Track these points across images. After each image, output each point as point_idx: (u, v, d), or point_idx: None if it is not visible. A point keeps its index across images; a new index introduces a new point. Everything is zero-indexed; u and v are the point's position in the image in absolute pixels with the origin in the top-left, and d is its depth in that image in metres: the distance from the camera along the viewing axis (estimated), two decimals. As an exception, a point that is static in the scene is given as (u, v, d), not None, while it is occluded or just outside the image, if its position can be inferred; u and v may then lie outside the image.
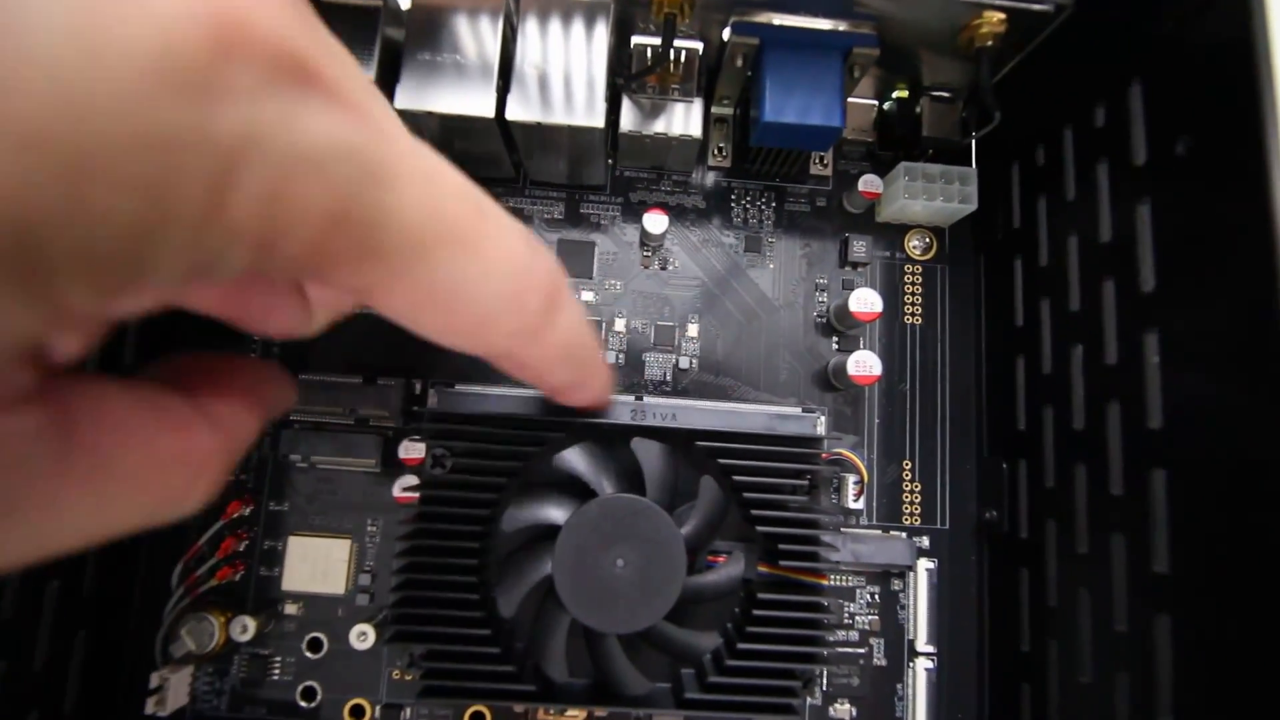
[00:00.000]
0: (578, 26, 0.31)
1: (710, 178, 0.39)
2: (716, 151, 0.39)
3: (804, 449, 0.30)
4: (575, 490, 0.30)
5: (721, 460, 0.30)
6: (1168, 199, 0.28)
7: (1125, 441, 0.29)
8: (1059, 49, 0.32)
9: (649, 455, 0.30)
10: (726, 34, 0.32)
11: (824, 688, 0.35)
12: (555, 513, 0.30)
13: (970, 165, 0.37)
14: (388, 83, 0.31)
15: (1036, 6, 0.30)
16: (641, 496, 0.29)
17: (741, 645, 0.29)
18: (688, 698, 0.29)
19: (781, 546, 0.30)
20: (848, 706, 0.35)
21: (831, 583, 0.36)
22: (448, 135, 0.34)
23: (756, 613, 0.30)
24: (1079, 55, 0.32)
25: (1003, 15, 0.31)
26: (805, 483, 0.30)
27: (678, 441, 0.31)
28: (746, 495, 0.30)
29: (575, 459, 0.30)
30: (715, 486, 0.30)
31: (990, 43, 0.31)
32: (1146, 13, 0.28)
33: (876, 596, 0.36)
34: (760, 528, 0.30)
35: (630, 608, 0.28)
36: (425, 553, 0.29)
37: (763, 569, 0.31)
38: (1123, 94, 0.30)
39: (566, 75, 0.31)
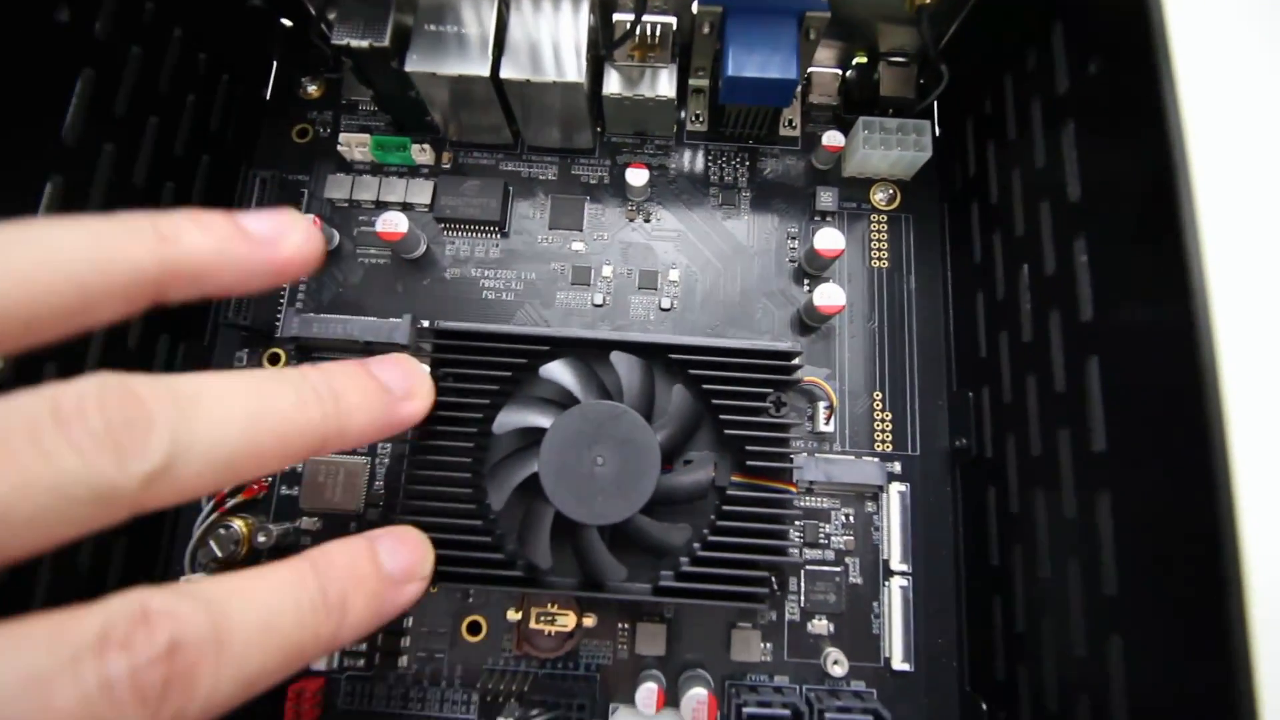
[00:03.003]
0: (564, 1, 0.36)
1: (689, 143, 0.43)
2: (694, 118, 0.43)
3: (773, 360, 0.33)
4: (560, 399, 0.33)
5: (692, 371, 0.33)
6: (1086, 117, 0.30)
7: (1064, 341, 0.31)
8: (994, 5, 0.36)
9: (626, 366, 0.33)
10: (695, 5, 0.37)
11: (802, 604, 0.37)
12: (541, 419, 0.33)
13: (924, 119, 0.41)
14: (399, 50, 0.36)
15: (965, -35, 0.34)
16: (619, 403, 0.32)
17: (712, 538, 0.32)
18: (662, 585, 0.31)
19: (749, 449, 0.32)
20: (825, 623, 0.37)
21: (806, 503, 0.38)
22: (455, 103, 0.39)
23: (726, 508, 0.32)
24: (1011, 7, 0.35)
25: (938, -25, 0.35)
26: (771, 393, 0.33)
27: (654, 355, 0.34)
28: (715, 402, 0.33)
29: (559, 371, 0.33)
30: (685, 393, 0.33)
31: (930, 2, 0.35)
32: (1060, -40, 0.32)
33: (851, 518, 0.38)
34: (728, 431, 0.33)
35: (608, 501, 0.31)
36: (428, 452, 0.32)
37: (735, 478, 0.34)
38: (1047, 35, 0.33)
39: (554, 42, 0.36)
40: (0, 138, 0.29)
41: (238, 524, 0.37)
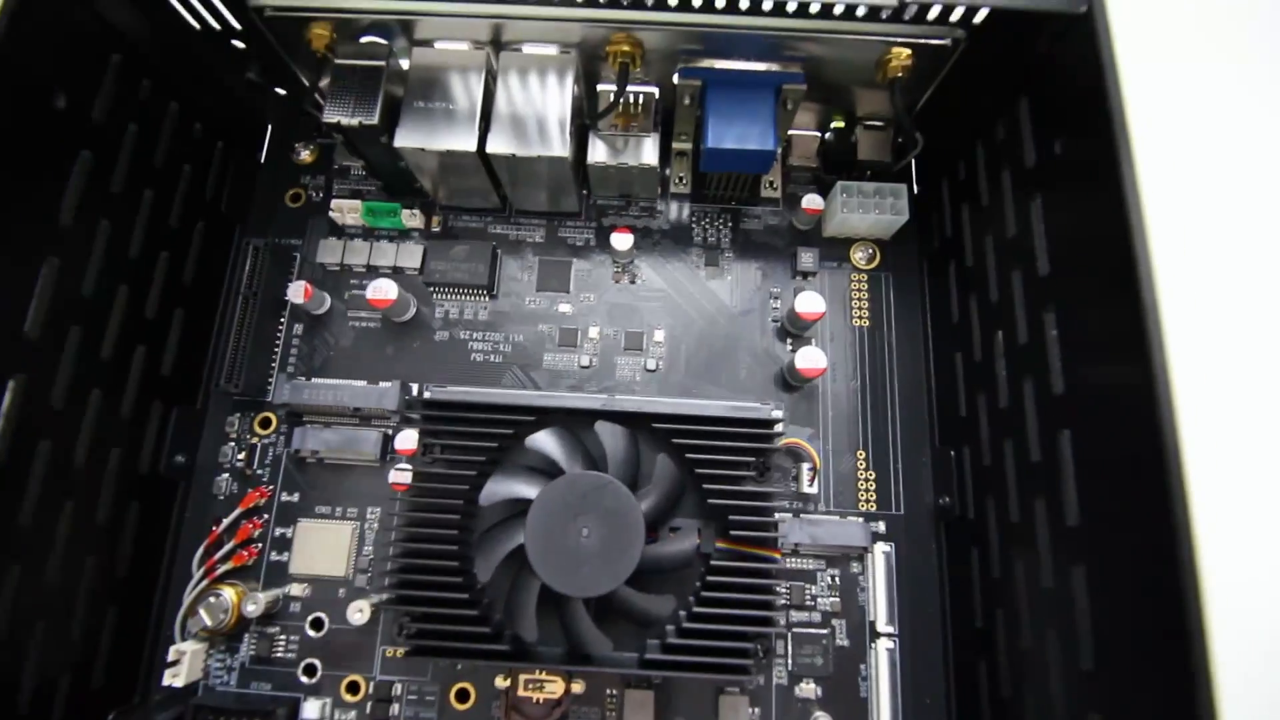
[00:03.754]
0: (549, 76, 0.37)
1: (673, 204, 0.44)
2: (678, 180, 0.44)
3: (754, 429, 0.34)
4: (546, 469, 0.34)
5: (676, 440, 0.34)
6: (1053, 193, 0.31)
7: (1039, 411, 0.31)
8: (964, 76, 0.37)
9: (611, 436, 0.34)
10: (676, 78, 0.38)
11: (789, 668, 0.37)
12: (527, 489, 0.33)
13: (904, 184, 0.42)
14: (389, 127, 0.37)
15: (935, 41, 0.35)
16: (604, 473, 0.33)
17: (698, 609, 0.32)
18: (648, 658, 0.32)
19: (732, 518, 0.33)
20: (813, 686, 0.37)
21: (791, 565, 0.38)
22: (443, 172, 0.40)
23: (710, 579, 0.32)
24: (980, 80, 0.36)
25: (909, 50, 0.36)
26: (753, 460, 0.34)
27: (638, 424, 0.34)
28: (699, 471, 0.33)
29: (545, 441, 0.34)
30: (670, 463, 0.34)
31: (902, 74, 0.36)
32: (1023, 40, 0.33)
33: (837, 579, 0.38)
34: (711, 500, 0.33)
35: (594, 573, 0.31)
36: (416, 525, 0.33)
37: (720, 544, 0.34)
38: (1015, 109, 0.34)
39: (539, 116, 0.37)
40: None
41: (227, 592, 0.37)
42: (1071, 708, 0.28)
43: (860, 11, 0.33)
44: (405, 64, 0.38)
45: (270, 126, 0.47)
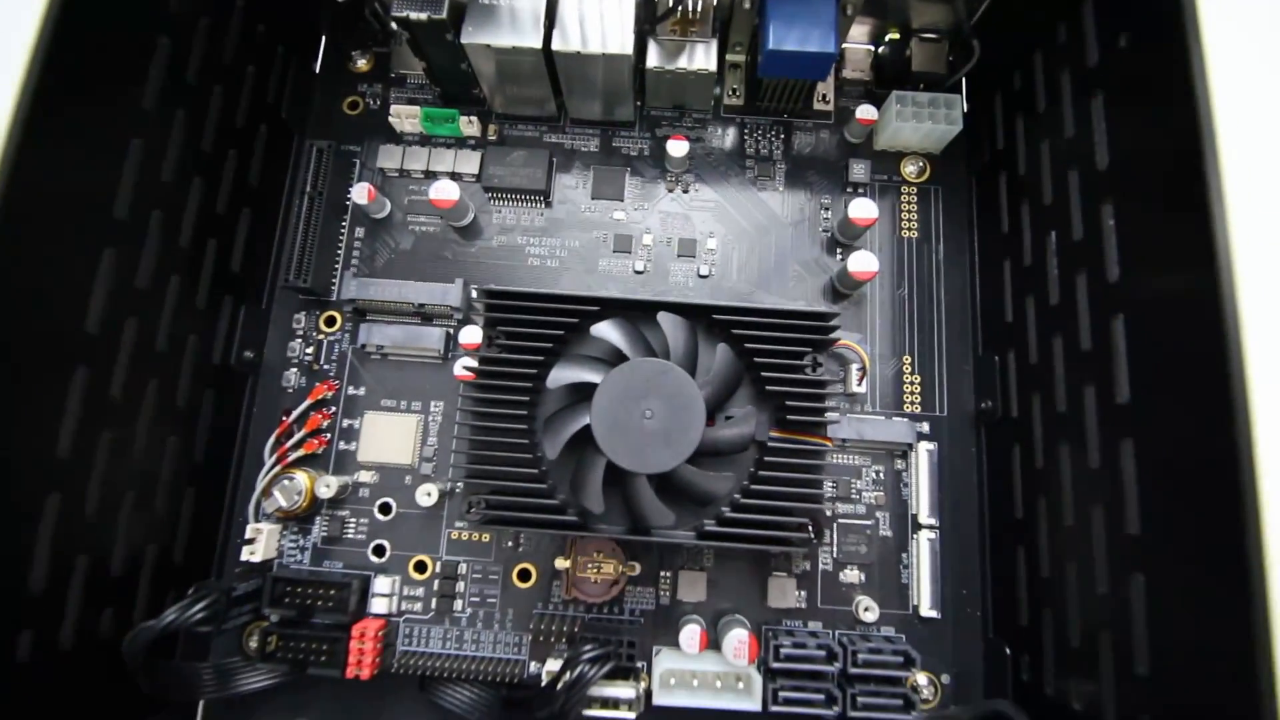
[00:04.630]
0: (611, -23, 0.38)
1: (726, 117, 0.45)
2: (731, 92, 0.44)
3: (812, 321, 0.35)
4: (608, 358, 0.35)
5: (735, 331, 0.35)
6: (1116, 89, 0.32)
7: (1091, 302, 0.32)
8: (1026, -19, 0.37)
9: (672, 326, 0.35)
10: (737, -19, 0.38)
11: (835, 555, 0.39)
12: (592, 375, 0.35)
13: (954, 94, 0.42)
14: (456, 24, 0.37)
15: (1001, -59, 0.35)
16: (666, 360, 0.34)
17: (753, 487, 0.34)
18: (706, 529, 0.33)
19: (788, 404, 0.34)
20: (857, 572, 0.39)
21: (838, 460, 0.40)
22: (503, 76, 0.40)
23: (766, 459, 0.34)
24: (1043, -15, 0.37)
25: (973, -47, 0.36)
26: (809, 351, 0.35)
27: (698, 316, 0.36)
28: (757, 360, 0.35)
29: (608, 330, 0.35)
30: (728, 352, 0.35)
31: (965, -22, 0.37)
32: (1093, -63, 0.33)
33: (881, 474, 0.40)
34: (769, 388, 0.34)
35: (657, 451, 0.33)
36: (484, 405, 0.34)
37: (774, 433, 0.36)
38: (1078, 10, 0.35)
39: (601, 15, 0.37)
40: (89, 104, 0.31)
41: (300, 475, 0.39)
42: (1115, 570, 0.29)
43: (930, -95, 0.33)
44: (470, -39, 0.38)
45: (325, 37, 0.47)
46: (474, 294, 0.40)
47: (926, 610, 0.38)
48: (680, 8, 0.39)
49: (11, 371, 0.27)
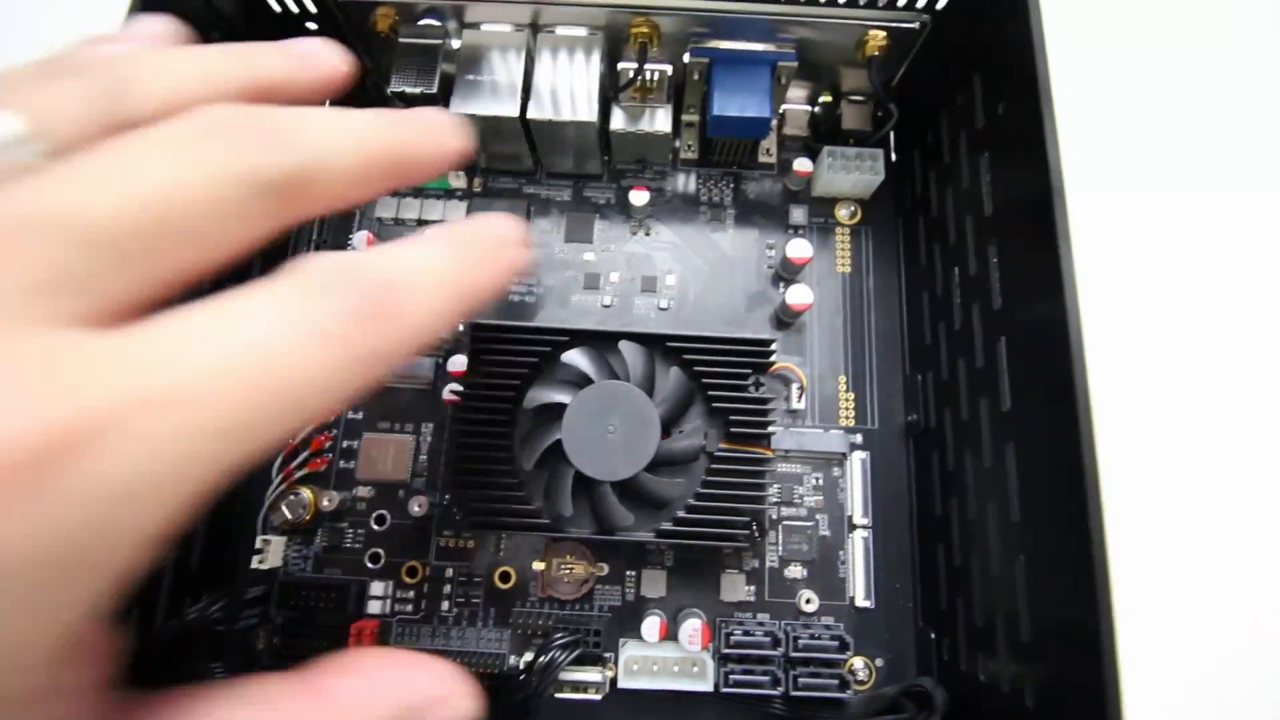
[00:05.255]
0: (579, 55, 0.44)
1: (682, 169, 0.51)
2: (687, 147, 0.51)
3: (752, 347, 0.40)
4: (577, 380, 0.40)
5: (686, 356, 0.40)
6: (996, 147, 0.38)
7: (982, 326, 0.38)
8: (931, 56, 0.44)
9: (632, 353, 0.40)
10: (686, 57, 0.45)
11: (780, 553, 0.44)
12: (563, 396, 0.40)
13: (881, 150, 0.48)
14: (445, 97, 0.43)
15: (904, 25, 0.42)
16: (626, 383, 0.40)
17: (702, 491, 0.39)
18: (662, 529, 0.38)
19: (733, 419, 0.40)
20: (800, 568, 0.44)
21: (782, 469, 0.45)
22: (486, 137, 0.46)
23: (714, 467, 0.39)
24: (944, 59, 0.43)
25: (883, 32, 0.42)
26: (750, 373, 0.40)
27: (655, 344, 0.41)
28: (705, 381, 0.40)
29: (577, 357, 0.41)
30: (681, 374, 0.40)
31: (878, 54, 0.43)
32: (977, 23, 0.40)
33: (820, 481, 0.45)
34: (715, 405, 0.40)
35: (618, 461, 0.38)
36: (470, 424, 0.39)
37: (722, 445, 0.41)
38: (970, 82, 0.41)
39: (571, 88, 0.44)
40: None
41: (305, 491, 0.44)
42: (1004, 555, 0.35)
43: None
44: (457, 43, 0.44)
45: (328, 102, 0.53)
46: (461, 327, 0.46)
47: (861, 601, 0.43)
48: (640, 78, 0.45)
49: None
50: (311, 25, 0.45)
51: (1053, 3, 0.37)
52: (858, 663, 0.42)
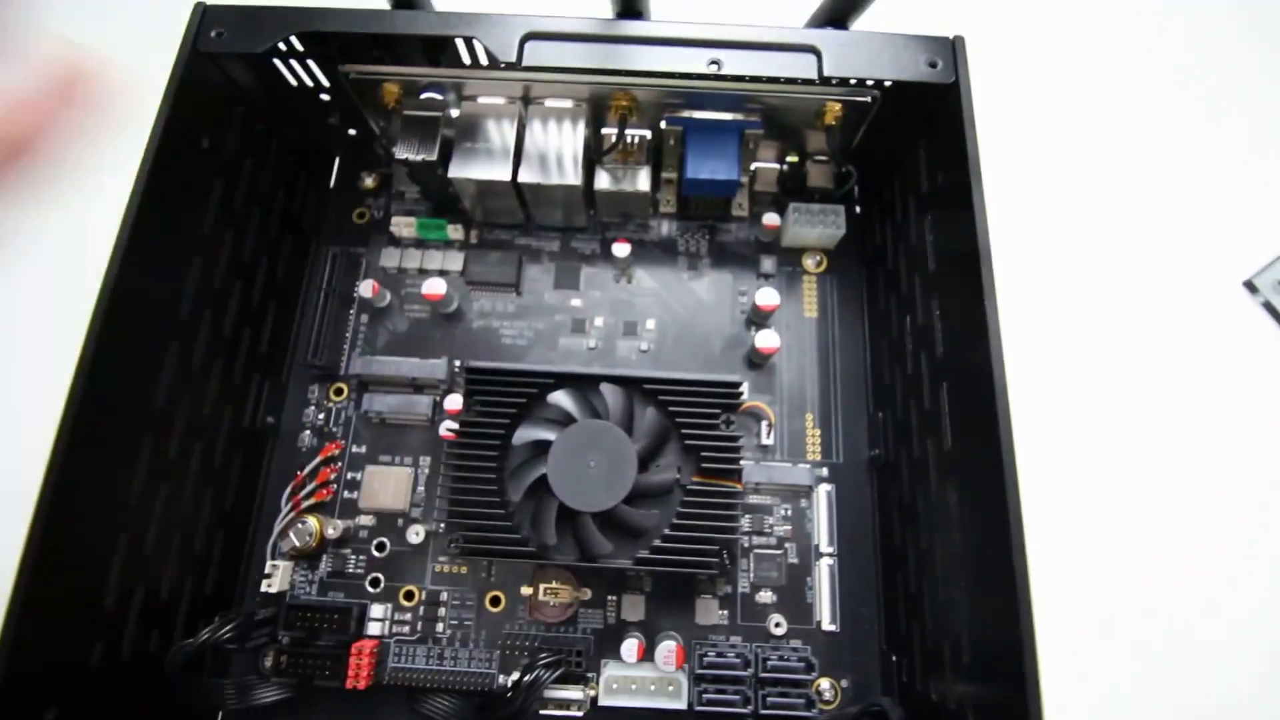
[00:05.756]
0: (565, 123, 0.49)
1: (662, 221, 0.55)
2: (666, 202, 0.55)
3: (722, 388, 0.44)
4: (561, 419, 0.44)
5: (662, 397, 0.44)
6: (936, 210, 0.43)
7: (929, 371, 0.42)
8: (883, 125, 0.48)
9: (612, 394, 0.44)
10: (663, 124, 0.49)
11: (751, 579, 0.47)
12: (548, 434, 0.44)
13: (844, 205, 0.53)
14: (444, 162, 0.48)
15: (857, 99, 0.46)
16: (607, 421, 0.43)
17: (677, 522, 0.42)
18: (640, 556, 0.42)
19: (704, 454, 0.43)
20: (770, 594, 0.47)
21: (753, 500, 0.48)
22: (481, 196, 0.51)
23: (687, 499, 0.43)
24: (893, 129, 0.48)
25: (839, 105, 0.47)
26: (720, 412, 0.44)
27: (633, 386, 0.45)
28: (679, 420, 0.44)
29: (562, 398, 0.44)
30: (657, 414, 0.44)
31: (835, 122, 0.48)
32: (920, 99, 0.44)
33: (789, 511, 0.48)
34: (689, 442, 0.44)
35: (598, 494, 0.42)
36: (463, 459, 0.43)
37: (695, 479, 0.44)
38: (916, 150, 0.46)
39: (558, 153, 0.48)
40: (165, 233, 0.40)
41: (312, 520, 0.47)
42: (947, 579, 0.38)
43: (798, 79, 0.45)
44: (455, 113, 0.49)
45: (338, 160, 0.58)
46: (457, 368, 0.50)
47: (827, 625, 0.46)
48: (621, 143, 0.50)
49: (105, 437, 0.36)
50: (325, 97, 0.50)
51: (976, 84, 0.41)
52: (824, 683, 0.45)
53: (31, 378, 0.48)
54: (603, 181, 0.51)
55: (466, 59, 0.46)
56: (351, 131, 0.55)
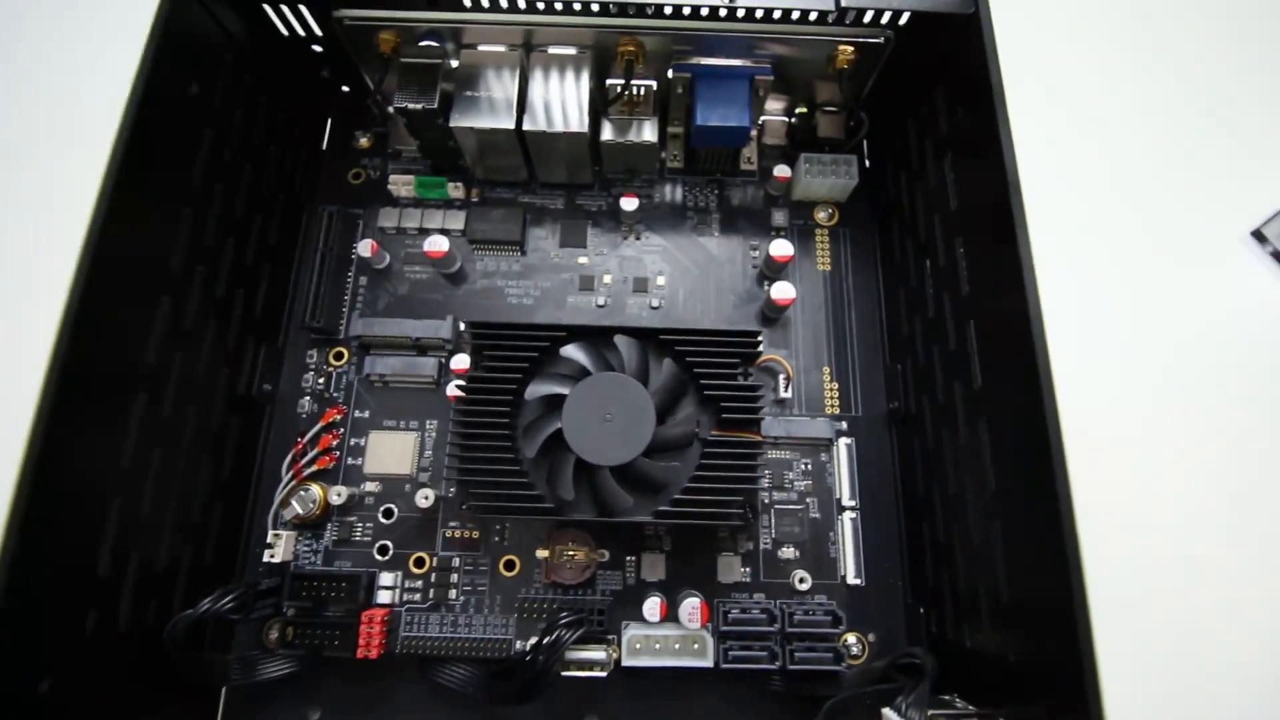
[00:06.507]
0: (569, 72, 0.47)
1: (669, 178, 0.54)
2: (673, 157, 0.54)
3: (740, 338, 0.43)
4: (575, 374, 0.43)
5: (678, 349, 0.43)
6: (958, 150, 0.42)
7: (953, 312, 0.41)
8: (897, 68, 0.47)
9: (627, 346, 0.43)
10: (670, 73, 0.48)
11: (773, 535, 0.46)
12: (562, 388, 0.42)
13: (855, 156, 0.52)
14: (445, 112, 0.46)
15: (870, 40, 0.45)
16: (622, 374, 0.42)
17: (697, 473, 0.41)
18: (659, 509, 0.40)
19: (724, 405, 0.42)
20: (792, 550, 0.46)
21: (772, 455, 0.47)
22: (483, 150, 0.49)
23: (707, 451, 0.41)
24: (908, 71, 0.47)
25: (851, 47, 0.46)
26: (739, 362, 0.43)
27: (648, 338, 0.43)
28: (697, 371, 0.42)
29: (575, 351, 0.43)
30: (674, 366, 0.43)
31: (847, 67, 0.47)
32: (937, 36, 0.43)
33: (809, 466, 0.47)
34: (708, 393, 0.42)
35: (616, 448, 0.40)
36: (472, 416, 0.41)
37: (715, 432, 0.43)
38: (933, 91, 0.45)
39: (562, 102, 0.47)
40: (153, 183, 0.38)
41: (315, 487, 0.45)
42: (980, 524, 0.37)
43: (812, 16, 0.43)
44: (455, 63, 0.47)
45: (330, 121, 0.56)
46: (463, 327, 0.48)
47: (852, 579, 0.45)
48: (627, 93, 0.48)
49: (94, 394, 0.34)
50: (317, 48, 0.48)
51: (997, 15, 0.40)
52: (851, 638, 0.44)
53: (19, 327, 0.45)
54: (608, 133, 0.49)
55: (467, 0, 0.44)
56: (345, 88, 0.53)
